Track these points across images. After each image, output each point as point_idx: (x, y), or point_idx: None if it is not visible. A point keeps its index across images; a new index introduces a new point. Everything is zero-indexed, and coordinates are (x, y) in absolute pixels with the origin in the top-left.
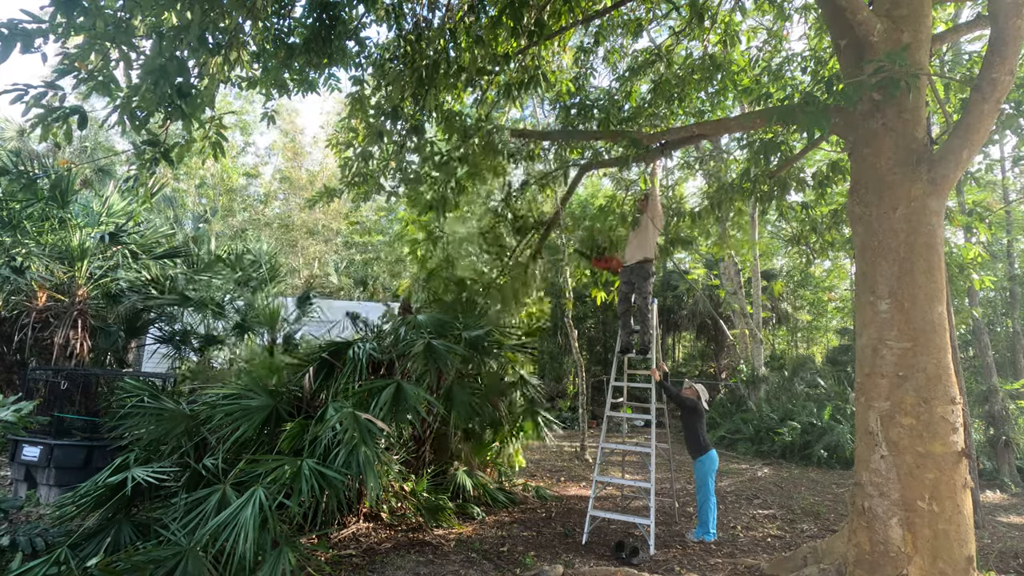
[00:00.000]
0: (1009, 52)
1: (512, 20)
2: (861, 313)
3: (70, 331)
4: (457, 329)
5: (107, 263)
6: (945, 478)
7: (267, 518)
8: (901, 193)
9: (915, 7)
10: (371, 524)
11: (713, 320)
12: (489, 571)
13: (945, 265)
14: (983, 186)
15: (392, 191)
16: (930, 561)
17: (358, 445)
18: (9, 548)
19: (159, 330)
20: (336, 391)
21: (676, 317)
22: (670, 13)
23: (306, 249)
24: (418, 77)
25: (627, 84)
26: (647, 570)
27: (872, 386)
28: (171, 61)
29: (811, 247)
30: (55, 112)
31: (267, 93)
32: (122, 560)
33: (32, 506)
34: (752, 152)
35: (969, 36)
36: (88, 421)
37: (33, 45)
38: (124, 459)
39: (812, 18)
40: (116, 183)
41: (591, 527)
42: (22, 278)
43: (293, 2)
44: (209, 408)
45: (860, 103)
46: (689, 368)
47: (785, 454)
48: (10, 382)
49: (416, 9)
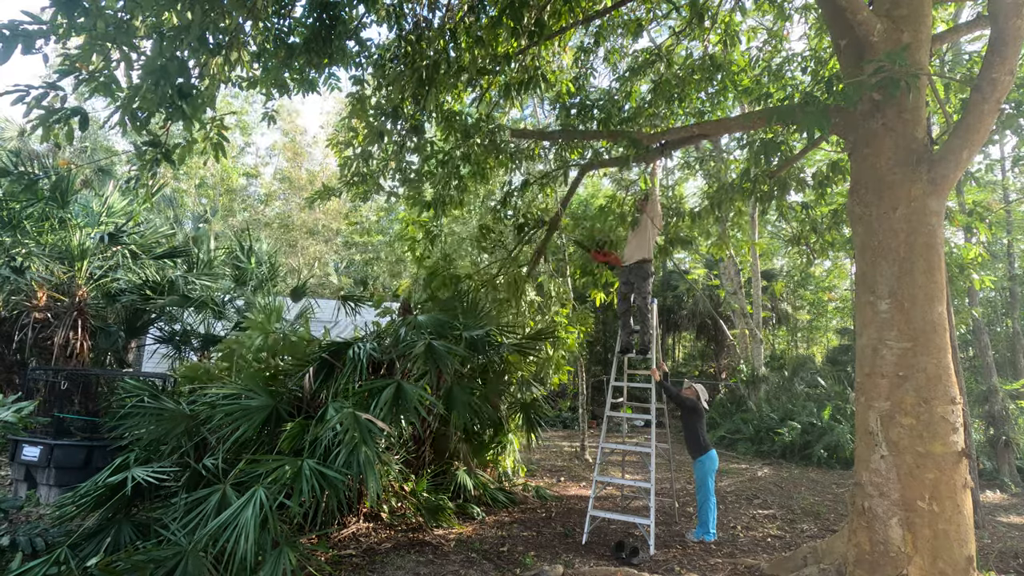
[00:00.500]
0: (1009, 52)
1: (512, 20)
2: (861, 313)
3: (70, 331)
4: (457, 329)
5: (107, 263)
6: (945, 478)
7: (268, 518)
8: (901, 193)
9: (915, 7)
10: (371, 524)
11: (713, 320)
12: (489, 571)
13: (945, 265)
14: (983, 186)
15: (392, 191)
16: (930, 561)
17: (359, 445)
18: (9, 548)
19: (159, 330)
20: (336, 391)
21: (676, 317)
22: (670, 13)
23: (306, 249)
24: (418, 77)
25: (627, 84)
26: (647, 570)
27: (872, 386)
28: (171, 61)
29: (811, 247)
30: (56, 113)
31: (267, 93)
32: (122, 560)
33: (32, 506)
34: (752, 152)
35: (969, 36)
36: (88, 421)
37: (34, 46)
38: (124, 459)
39: (812, 18)
40: (116, 183)
41: (591, 527)
42: (22, 278)
43: (293, 2)
44: (209, 408)
45: (860, 103)
46: (689, 368)
47: (785, 454)
48: (10, 382)
49: (416, 9)
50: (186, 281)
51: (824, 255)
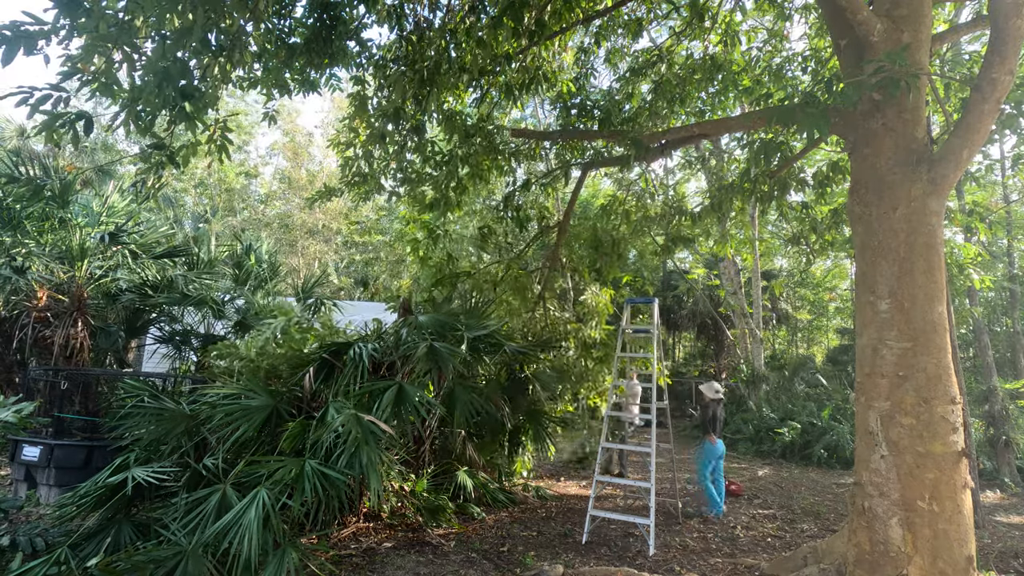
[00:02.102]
0: (1009, 52)
1: (513, 21)
2: (861, 313)
3: (70, 331)
4: (459, 330)
5: (107, 263)
6: (945, 478)
7: (270, 518)
8: (901, 193)
9: (915, 7)
10: (371, 524)
11: (713, 320)
12: (489, 571)
13: (945, 265)
14: (983, 186)
15: (392, 191)
16: (930, 561)
17: (361, 446)
18: (9, 548)
19: (159, 330)
20: (337, 391)
21: (676, 317)
22: (670, 13)
23: (306, 249)
24: (420, 78)
25: (628, 85)
26: (647, 570)
27: (872, 386)
28: (174, 64)
29: (811, 247)
30: (62, 117)
31: (268, 93)
32: (122, 560)
33: (32, 506)
34: (752, 152)
35: (969, 36)
36: (88, 421)
37: (36, 47)
38: (124, 459)
39: (812, 18)
40: (116, 183)
41: (591, 527)
42: (22, 278)
43: (294, 2)
44: (209, 408)
45: (860, 103)
46: (689, 368)
47: (785, 454)
48: (10, 382)
49: (417, 9)
50: (186, 280)
51: (824, 255)
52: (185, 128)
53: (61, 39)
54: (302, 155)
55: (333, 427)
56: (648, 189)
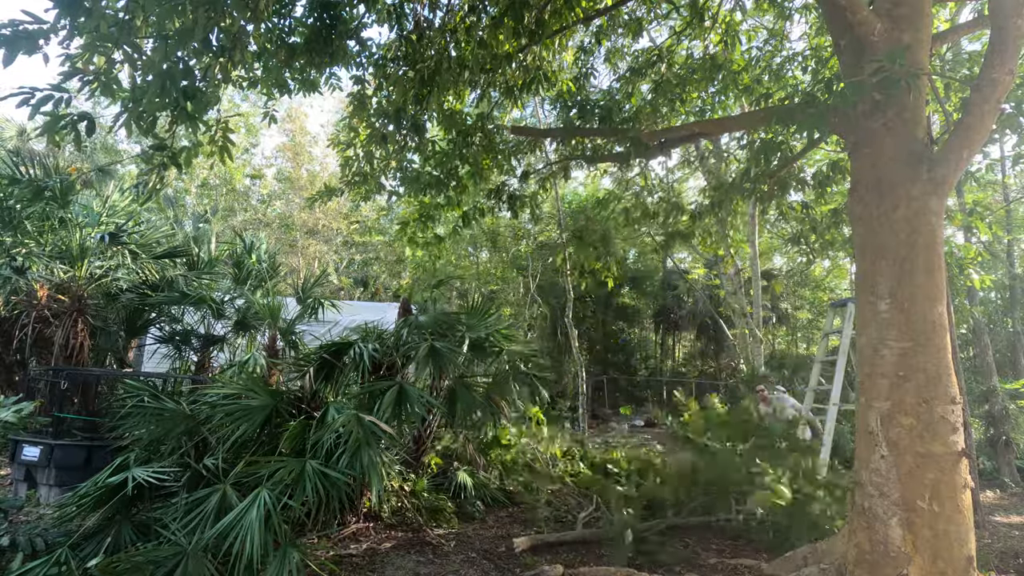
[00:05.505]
0: (1009, 52)
1: (513, 20)
2: (861, 313)
3: (70, 331)
4: (459, 329)
5: (107, 263)
6: (945, 478)
7: (271, 518)
8: (901, 193)
9: (915, 7)
10: (371, 524)
11: (713, 320)
12: (489, 571)
13: (945, 265)
14: (983, 186)
15: (393, 191)
16: (930, 561)
17: (362, 447)
18: (9, 548)
19: (159, 330)
20: (337, 392)
21: (676, 317)
22: (670, 13)
23: (306, 249)
24: (420, 78)
25: (628, 84)
26: (647, 570)
27: (872, 386)
28: (176, 64)
29: (811, 247)
30: (64, 118)
31: (268, 93)
32: (122, 560)
33: (32, 506)
34: (752, 152)
35: (969, 36)
36: (88, 421)
37: (37, 47)
38: (124, 459)
39: (812, 17)
40: (117, 183)
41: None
42: (23, 278)
43: (294, 2)
44: (209, 408)
45: (860, 103)
46: (689, 368)
47: None
48: (10, 382)
49: (417, 9)
50: (187, 280)
51: (824, 255)
52: (187, 128)
53: (61, 39)
54: (303, 155)
55: (334, 427)
56: (647, 186)
